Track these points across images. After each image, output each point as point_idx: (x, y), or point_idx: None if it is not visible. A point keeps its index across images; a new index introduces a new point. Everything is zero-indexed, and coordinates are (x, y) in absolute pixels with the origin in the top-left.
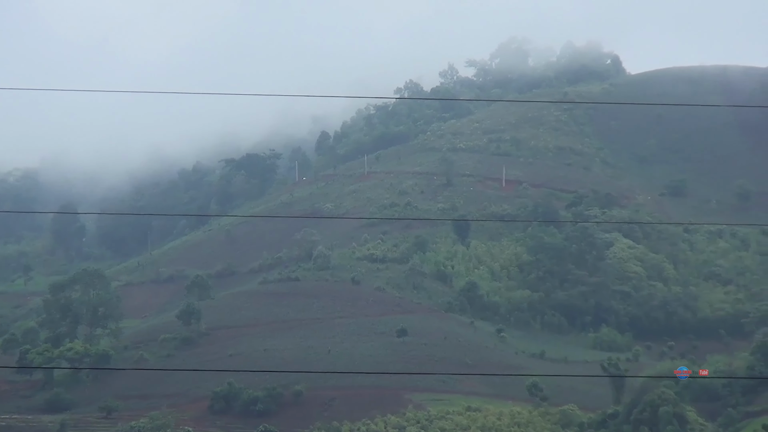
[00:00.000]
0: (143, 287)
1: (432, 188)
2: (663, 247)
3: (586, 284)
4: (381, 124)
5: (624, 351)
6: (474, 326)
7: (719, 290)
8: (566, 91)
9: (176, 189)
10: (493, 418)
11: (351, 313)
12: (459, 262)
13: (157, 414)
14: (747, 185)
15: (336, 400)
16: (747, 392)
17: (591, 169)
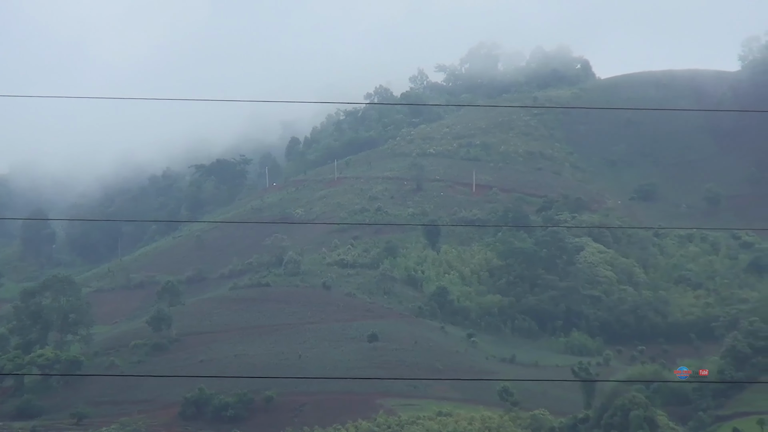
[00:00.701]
0: (114, 293)
1: (402, 193)
2: (633, 251)
3: (557, 289)
4: (351, 129)
5: (595, 355)
6: (445, 331)
7: (689, 294)
8: (536, 95)
9: (146, 195)
10: (464, 422)
11: (321, 319)
12: (429, 267)
13: (128, 420)
14: (717, 189)
15: (307, 406)
16: (717, 396)
17: (561, 174)
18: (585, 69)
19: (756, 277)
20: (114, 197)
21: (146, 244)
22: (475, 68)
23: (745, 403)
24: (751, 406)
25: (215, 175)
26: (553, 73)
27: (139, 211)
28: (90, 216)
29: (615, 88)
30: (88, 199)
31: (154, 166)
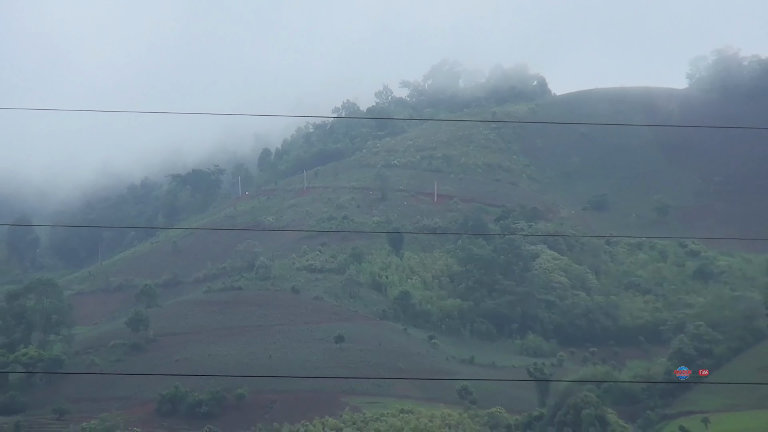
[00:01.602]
0: (94, 296)
1: (368, 202)
2: (586, 258)
3: (514, 293)
4: (319, 141)
5: (549, 356)
6: (407, 333)
7: (639, 299)
8: (495, 110)
9: (125, 203)
10: (425, 420)
11: (291, 321)
12: (393, 272)
13: (107, 416)
14: (665, 200)
15: (276, 403)
16: (665, 395)
17: (518, 185)
18: (541, 86)
19: (701, 283)
20: (94, 205)
21: (125, 250)
22: (437, 84)
23: (691, 402)
24: (696, 406)
25: (190, 184)
26: (511, 89)
27: (118, 218)
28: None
29: (570, 104)
30: (69, 206)
31: (133, 175)
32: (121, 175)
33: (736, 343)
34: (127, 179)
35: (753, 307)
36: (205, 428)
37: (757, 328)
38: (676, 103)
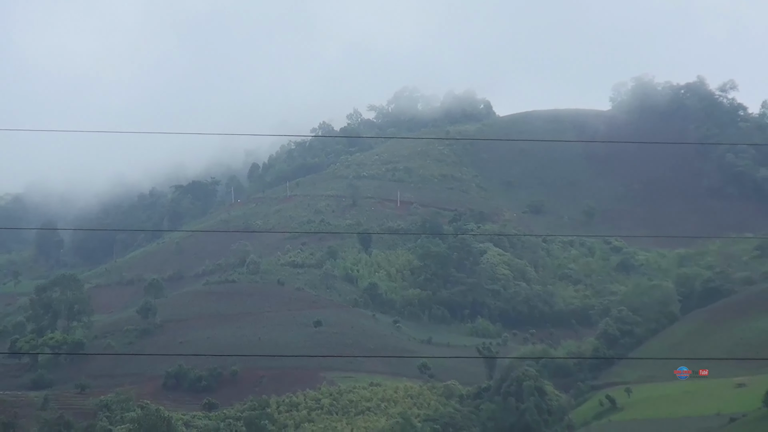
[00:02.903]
0: (109, 288)
1: (341, 208)
2: (526, 254)
3: (465, 284)
4: (300, 156)
5: (495, 337)
6: (375, 318)
7: (570, 288)
8: (448, 129)
9: (135, 210)
10: (391, 391)
11: (277, 308)
12: (363, 267)
13: (122, 390)
14: (592, 204)
15: (265, 378)
16: (593, 369)
17: (468, 192)
18: (487, 108)
19: (623, 274)
20: (109, 211)
21: (135, 249)
22: (399, 108)
23: (615, 375)
24: (619, 378)
25: (191, 194)
26: (462, 111)
27: (130, 223)
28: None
29: (511, 124)
30: (88, 212)
31: (142, 186)
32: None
33: (653, 324)
34: (137, 189)
35: (667, 294)
36: (204, 400)
37: (670, 312)
38: (601, 122)
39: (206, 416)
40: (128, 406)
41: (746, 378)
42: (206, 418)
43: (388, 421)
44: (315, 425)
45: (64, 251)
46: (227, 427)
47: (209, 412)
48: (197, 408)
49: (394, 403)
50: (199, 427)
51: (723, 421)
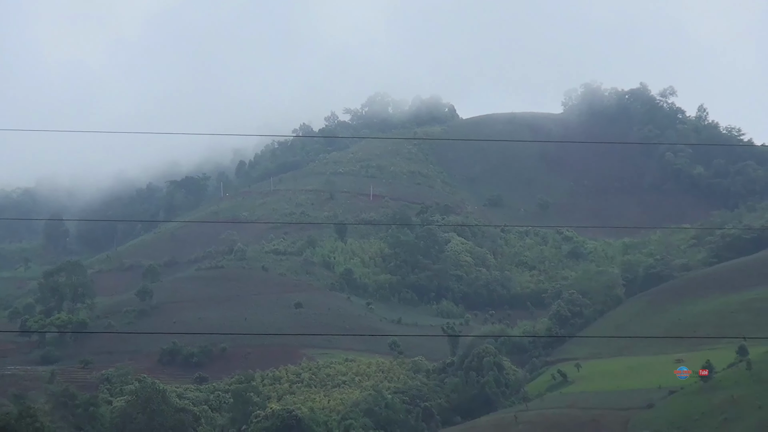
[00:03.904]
0: (111, 274)
1: (319, 201)
2: (486, 243)
3: (431, 270)
4: (282, 155)
5: (458, 318)
6: (350, 300)
7: (526, 274)
8: (416, 131)
9: (134, 202)
10: (364, 366)
11: (261, 292)
12: (339, 254)
13: (121, 365)
14: (546, 198)
15: (251, 354)
16: (546, 347)
17: (434, 187)
18: (451, 111)
19: (573, 261)
20: (111, 204)
21: (134, 238)
22: (372, 111)
23: (566, 352)
24: (570, 354)
25: (184, 188)
26: (428, 114)
27: (129, 214)
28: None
29: (473, 125)
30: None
31: (140, 181)
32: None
33: (600, 306)
34: (136, 184)
35: (612, 279)
36: (196, 374)
37: (616, 295)
38: (554, 124)
39: (197, 389)
40: (127, 379)
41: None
42: (197, 390)
43: (361, 393)
44: (296, 397)
45: (70, 240)
46: (216, 399)
47: (200, 385)
48: (189, 381)
49: (367, 377)
50: (191, 398)
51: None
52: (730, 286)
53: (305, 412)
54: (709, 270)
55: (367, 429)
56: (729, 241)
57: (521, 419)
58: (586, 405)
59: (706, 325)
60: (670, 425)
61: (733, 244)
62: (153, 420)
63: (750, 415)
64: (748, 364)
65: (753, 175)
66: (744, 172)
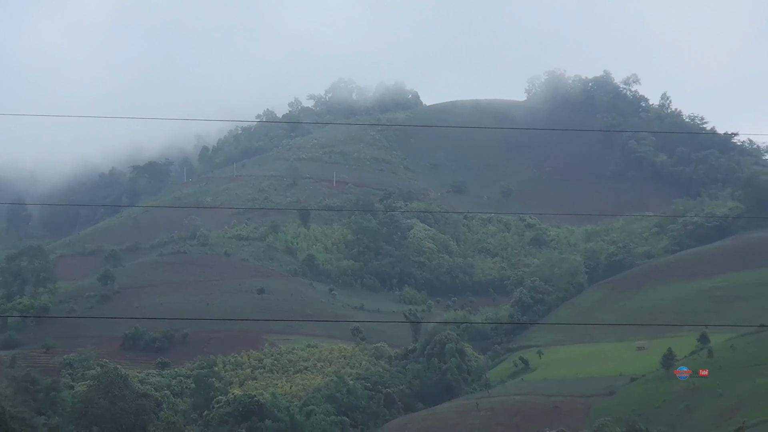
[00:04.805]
0: (73, 258)
1: (282, 187)
2: (448, 229)
3: (394, 256)
4: (246, 140)
5: (420, 304)
6: (313, 286)
7: (489, 261)
8: (379, 117)
9: (97, 187)
10: (326, 352)
11: (224, 277)
12: (302, 240)
13: (83, 350)
14: (508, 185)
15: (213, 340)
16: (508, 334)
17: (397, 174)
18: (415, 98)
19: (536, 248)
20: (74, 189)
21: (97, 223)
22: (335, 97)
23: (528, 339)
24: (532, 341)
25: (147, 173)
26: (392, 100)
27: (92, 199)
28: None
29: (437, 112)
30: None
31: (103, 166)
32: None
33: (562, 293)
34: (99, 169)
35: (575, 266)
36: (158, 359)
37: (578, 283)
38: (517, 111)
39: (159, 374)
40: (89, 364)
41: (645, 342)
42: (159, 375)
43: (323, 379)
44: (258, 382)
45: (33, 224)
46: (178, 384)
47: (162, 371)
48: (151, 367)
49: (329, 363)
50: (152, 383)
51: (625, 380)
52: (692, 274)
53: (267, 397)
54: (671, 258)
55: (329, 415)
56: (691, 229)
57: (483, 406)
58: (548, 392)
59: (668, 313)
60: (631, 412)
61: (695, 232)
62: (114, 405)
63: (710, 403)
64: (709, 352)
65: (715, 163)
66: (706, 161)
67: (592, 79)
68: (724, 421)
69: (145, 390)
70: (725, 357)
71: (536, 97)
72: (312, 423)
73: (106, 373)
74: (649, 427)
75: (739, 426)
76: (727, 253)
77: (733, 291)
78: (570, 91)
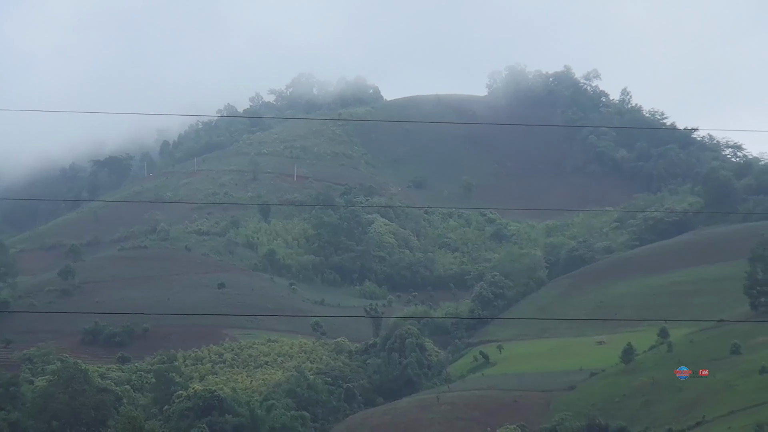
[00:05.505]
0: (33, 253)
1: (243, 182)
2: (409, 224)
3: (354, 251)
4: (206, 135)
5: (381, 299)
6: (273, 281)
7: (449, 255)
8: (340, 112)
9: (58, 182)
10: (287, 347)
11: (184, 272)
12: (263, 235)
13: (43, 345)
14: (469, 180)
15: (173, 335)
16: (469, 328)
17: (358, 168)
18: (376, 93)
19: (496, 243)
20: (34, 183)
21: (57, 218)
22: (296, 92)
23: (488, 333)
24: (492, 336)
25: (108, 168)
26: (353, 95)
27: (52, 194)
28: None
29: (398, 107)
30: (15, 184)
31: (64, 160)
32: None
33: (523, 288)
34: (60, 164)
35: (535, 261)
36: (118, 354)
37: (538, 277)
38: (478, 106)
39: (120, 369)
40: (49, 359)
41: (605, 337)
42: (120, 370)
43: (284, 373)
44: (218, 377)
45: None
46: (138, 379)
47: (122, 365)
48: (112, 361)
49: (290, 357)
50: (113, 378)
51: (585, 375)
52: (652, 269)
53: (227, 392)
54: (631, 253)
55: (289, 409)
56: (651, 224)
57: (443, 400)
58: (508, 386)
59: (628, 308)
60: (591, 407)
61: (655, 227)
62: (75, 400)
63: (670, 398)
64: (669, 347)
65: (675, 158)
66: (666, 156)
67: (552, 75)
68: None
69: (105, 385)
70: (685, 352)
71: (497, 92)
72: (272, 418)
73: (66, 368)
74: (608, 422)
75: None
76: (687, 248)
77: (693, 286)
78: (531, 86)
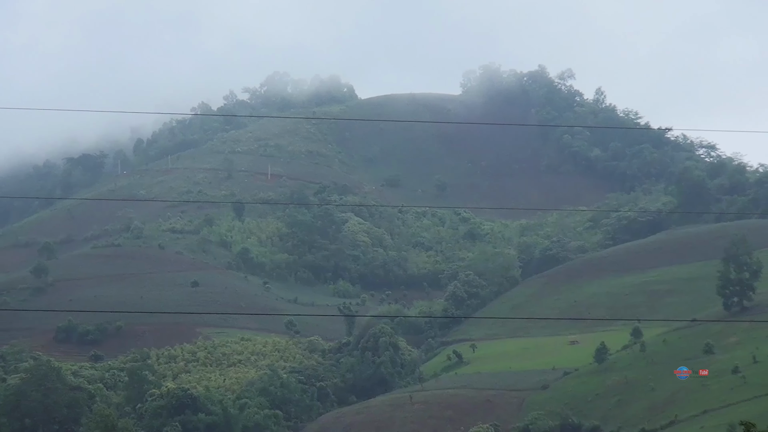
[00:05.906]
0: (6, 251)
1: (217, 180)
2: (383, 223)
3: (328, 250)
4: (181, 133)
5: (354, 298)
6: (247, 280)
7: (423, 254)
8: (315, 110)
9: (31, 179)
10: (260, 345)
11: (157, 270)
12: (236, 233)
13: (16, 343)
14: (443, 179)
15: (146, 333)
16: (442, 327)
17: (332, 167)
18: (350, 91)
19: (470, 242)
20: (6, 181)
21: (30, 215)
22: (271, 90)
23: (462, 332)
24: (466, 335)
25: (81, 165)
26: (327, 94)
27: (25, 191)
28: None
29: (372, 106)
30: None
31: (37, 158)
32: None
33: (496, 288)
34: (33, 161)
35: (509, 260)
36: (92, 352)
37: (512, 277)
38: (452, 105)
39: (93, 367)
40: (22, 357)
41: (578, 336)
42: (93, 368)
43: (257, 372)
44: (191, 375)
45: None
46: (111, 377)
47: (96, 363)
48: (85, 359)
49: (263, 356)
50: (86, 376)
51: (558, 374)
52: (625, 269)
53: (200, 390)
54: (605, 252)
55: (262, 408)
56: (625, 224)
57: (416, 399)
58: (481, 385)
59: (601, 307)
60: (564, 406)
61: (628, 226)
62: (47, 398)
63: (643, 397)
64: (642, 346)
65: (649, 158)
66: (640, 155)
67: (527, 74)
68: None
69: (78, 383)
70: (658, 351)
71: (471, 91)
72: (245, 416)
73: (39, 365)
74: (582, 421)
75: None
76: (660, 247)
77: (666, 285)
78: (505, 86)
